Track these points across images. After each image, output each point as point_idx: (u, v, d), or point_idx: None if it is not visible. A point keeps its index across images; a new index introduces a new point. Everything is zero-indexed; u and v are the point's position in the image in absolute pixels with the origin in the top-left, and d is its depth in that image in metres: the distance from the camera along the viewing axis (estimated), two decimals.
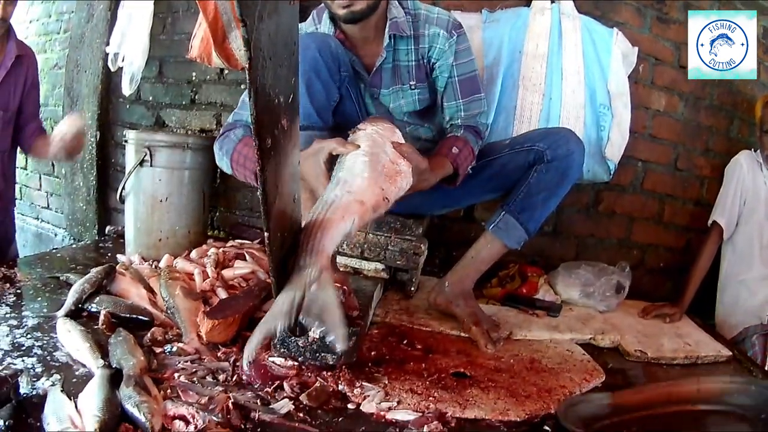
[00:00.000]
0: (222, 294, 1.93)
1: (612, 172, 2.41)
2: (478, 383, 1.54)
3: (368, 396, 1.40)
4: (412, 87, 1.89)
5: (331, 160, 1.48)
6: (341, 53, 1.76)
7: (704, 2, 2.54)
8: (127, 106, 2.97)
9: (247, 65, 0.94)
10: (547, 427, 1.36)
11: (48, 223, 3.47)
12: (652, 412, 1.43)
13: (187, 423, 1.20)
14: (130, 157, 2.36)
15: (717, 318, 2.51)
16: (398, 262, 2.05)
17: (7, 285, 1.90)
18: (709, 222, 2.47)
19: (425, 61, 1.87)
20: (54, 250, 2.53)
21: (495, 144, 1.99)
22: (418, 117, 1.98)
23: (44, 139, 2.22)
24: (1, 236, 2.34)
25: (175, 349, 1.56)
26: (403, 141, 1.57)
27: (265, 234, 1.15)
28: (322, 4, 1.82)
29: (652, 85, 2.58)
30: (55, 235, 3.28)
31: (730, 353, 1.94)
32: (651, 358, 1.85)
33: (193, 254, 2.28)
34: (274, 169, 1.11)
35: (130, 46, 2.74)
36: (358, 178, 1.37)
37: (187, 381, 1.38)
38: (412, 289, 2.10)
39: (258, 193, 1.10)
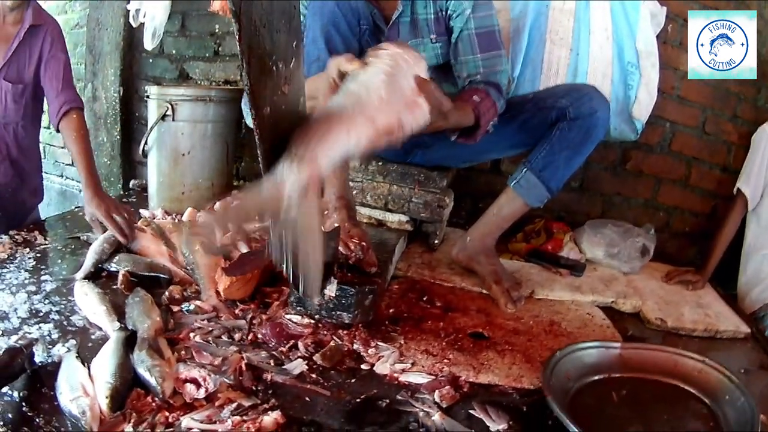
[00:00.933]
0: (243, 248, 1.92)
1: (639, 132, 2.37)
2: (495, 346, 1.53)
3: (383, 356, 1.40)
4: (433, 41, 1.84)
5: (342, 78, 1.29)
6: (360, 6, 1.73)
7: None
8: (150, 61, 2.96)
9: (237, 36, 0.92)
10: None
11: (72, 180, 3.47)
12: (633, 375, 1.41)
13: (198, 386, 1.20)
14: (152, 112, 2.35)
15: (739, 289, 2.47)
16: (422, 215, 2.05)
17: (27, 249, 1.90)
18: (734, 190, 2.42)
19: (443, 12, 1.80)
20: (77, 209, 2.52)
21: (518, 98, 1.94)
22: (441, 72, 1.91)
23: (74, 121, 2.15)
24: (19, 203, 2.31)
25: (192, 307, 1.56)
26: (427, 76, 1.42)
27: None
28: None
29: (680, 45, 2.51)
30: (80, 191, 3.25)
31: (749, 330, 1.89)
32: (671, 327, 1.83)
33: (216, 207, 2.28)
34: (273, 137, 1.08)
35: (152, 1, 2.73)
36: (372, 94, 1.18)
37: (202, 341, 1.38)
38: (436, 242, 2.09)
39: (260, 163, 1.07)
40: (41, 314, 1.46)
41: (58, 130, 2.19)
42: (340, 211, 1.73)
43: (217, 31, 2.81)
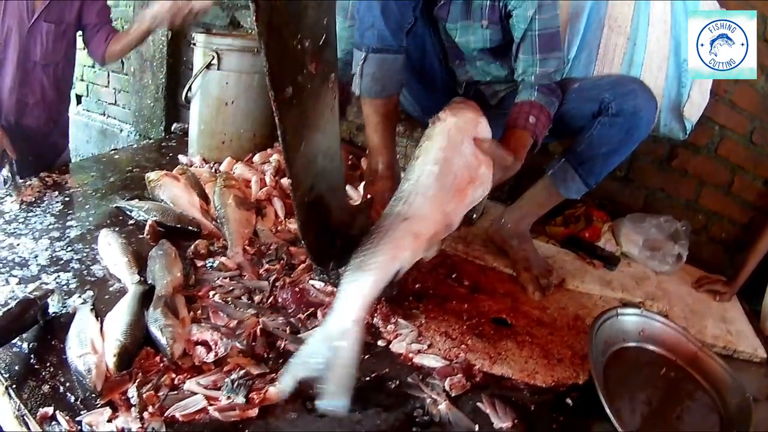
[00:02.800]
0: (277, 204, 1.91)
1: (689, 132, 2.32)
2: (516, 335, 1.52)
3: (401, 335, 1.39)
4: (484, 26, 1.77)
5: None
6: None
7: None
8: None
9: (254, 15, 0.89)
10: (569, 400, 1.33)
11: (114, 119, 3.50)
12: (664, 355, 1.53)
13: (209, 350, 1.20)
14: (198, 60, 2.34)
15: (763, 309, 2.39)
16: None
17: (56, 193, 1.89)
18: None
19: (501, 3, 1.72)
20: (113, 151, 2.53)
21: (566, 82, 1.85)
22: (490, 54, 1.87)
23: (117, 39, 2.19)
24: (50, 145, 2.34)
25: (216, 263, 1.55)
26: (488, 133, 1.43)
27: (290, 182, 1.13)
28: None
29: None
30: (121, 131, 3.31)
31: (765, 355, 1.84)
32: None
33: (256, 158, 2.28)
34: (296, 118, 1.05)
35: None
36: (420, 197, 1.24)
37: (220, 301, 1.37)
38: (474, 216, 2.06)
39: (280, 144, 1.05)
40: (62, 262, 1.45)
41: (103, 61, 2.24)
42: (385, 181, 1.73)
43: None
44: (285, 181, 2.03)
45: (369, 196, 1.72)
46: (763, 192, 2.60)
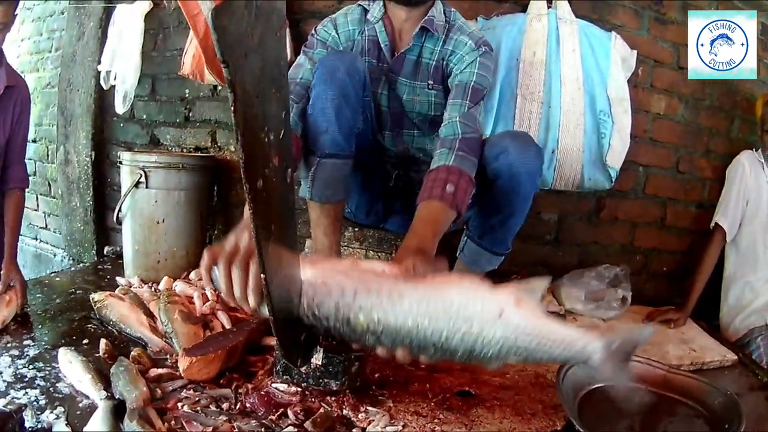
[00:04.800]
0: (222, 317, 1.90)
1: (613, 179, 2.37)
2: (484, 402, 1.51)
3: (373, 420, 1.37)
4: (429, 87, 1.81)
5: None
6: (366, 76, 1.70)
7: (703, 2, 2.52)
8: (121, 125, 2.94)
9: (232, 106, 0.89)
10: None
11: (47, 243, 3.45)
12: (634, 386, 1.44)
13: None
14: (126, 179, 2.34)
15: (721, 320, 2.50)
16: None
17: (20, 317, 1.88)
18: (712, 224, 2.46)
19: (444, 63, 1.78)
20: (53, 274, 2.52)
21: None
22: (431, 125, 1.86)
23: (17, 199, 2.14)
24: None
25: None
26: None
27: (261, 276, 1.08)
28: None
29: (651, 88, 2.55)
30: (54, 255, 3.25)
31: (735, 357, 1.93)
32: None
33: (192, 276, 2.26)
34: (266, 210, 1.05)
35: (122, 63, 2.73)
36: None
37: (190, 411, 1.36)
38: None
39: (252, 236, 1.04)
40: (26, 379, 1.45)
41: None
42: None
43: (187, 95, 2.79)
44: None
45: None
46: (698, 215, 2.68)
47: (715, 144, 2.70)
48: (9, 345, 1.64)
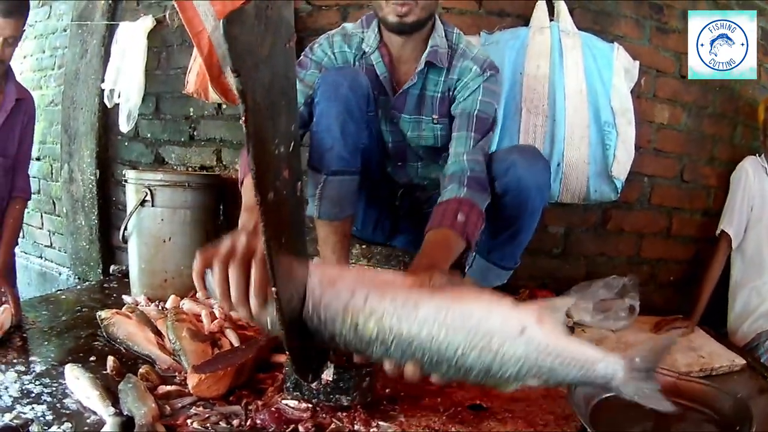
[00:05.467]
0: (231, 335, 1.90)
1: (619, 191, 2.38)
2: (495, 415, 1.51)
3: None
4: (435, 121, 1.77)
5: None
6: (370, 91, 1.66)
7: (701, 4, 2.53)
8: (126, 144, 2.94)
9: (243, 117, 0.88)
10: None
11: (52, 262, 3.44)
12: None
13: None
14: (131, 197, 2.33)
15: (729, 326, 2.49)
16: None
17: (12, 329, 1.87)
18: (717, 232, 2.46)
19: (450, 93, 1.74)
20: (59, 292, 2.51)
21: None
22: (436, 154, 1.83)
23: (16, 210, 2.19)
24: None
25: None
26: None
27: (273, 289, 1.05)
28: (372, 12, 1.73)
29: (654, 98, 2.56)
30: (60, 274, 3.25)
31: (744, 362, 1.93)
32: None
33: (200, 294, 2.25)
34: (277, 223, 1.04)
35: (126, 82, 2.73)
36: None
37: (200, 427, 1.34)
38: None
39: (263, 248, 1.01)
40: (33, 395, 1.44)
41: None
42: None
43: (191, 114, 2.80)
44: (235, 313, 2.02)
45: None
46: (704, 223, 2.68)
47: (718, 151, 2.70)
48: (15, 360, 1.63)
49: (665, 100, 2.58)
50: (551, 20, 2.35)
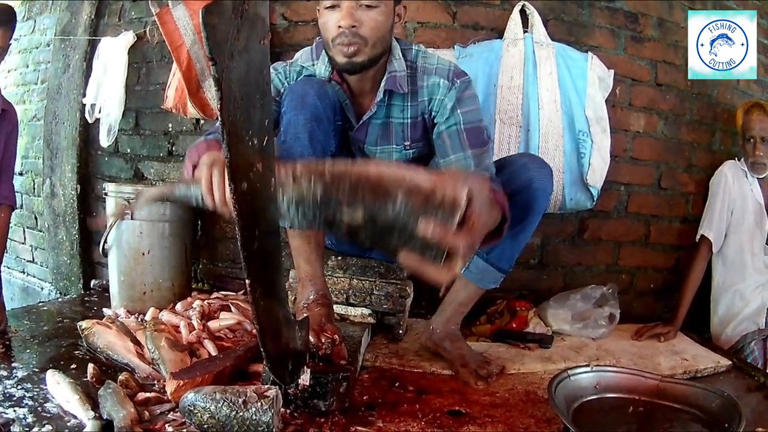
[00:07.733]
0: (209, 345, 1.92)
1: (595, 199, 2.40)
2: (475, 420, 1.52)
3: None
4: (407, 147, 1.77)
5: None
6: (337, 100, 1.67)
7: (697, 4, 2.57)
8: (106, 159, 2.94)
9: (218, 105, 0.92)
10: None
11: (34, 276, 3.43)
12: (626, 397, 1.52)
13: None
14: (111, 210, 2.36)
15: (713, 330, 2.52)
16: (384, 306, 2.04)
17: None
18: (697, 237, 2.48)
19: (425, 115, 1.71)
20: (41, 303, 2.54)
21: None
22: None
23: (1, 219, 2.20)
24: None
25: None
26: None
27: (246, 281, 1.11)
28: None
29: (630, 106, 2.58)
30: (42, 288, 3.25)
31: (730, 362, 1.96)
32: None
33: (179, 307, 2.27)
34: (250, 213, 1.08)
35: (107, 97, 2.74)
36: None
37: None
38: (401, 332, 2.07)
39: (238, 239, 1.06)
40: (14, 398, 1.47)
41: None
42: (321, 308, 1.71)
43: (170, 130, 2.80)
44: (213, 324, 2.04)
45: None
46: (682, 230, 2.70)
47: (697, 158, 2.72)
48: None
49: (641, 109, 2.60)
50: (525, 32, 2.38)
